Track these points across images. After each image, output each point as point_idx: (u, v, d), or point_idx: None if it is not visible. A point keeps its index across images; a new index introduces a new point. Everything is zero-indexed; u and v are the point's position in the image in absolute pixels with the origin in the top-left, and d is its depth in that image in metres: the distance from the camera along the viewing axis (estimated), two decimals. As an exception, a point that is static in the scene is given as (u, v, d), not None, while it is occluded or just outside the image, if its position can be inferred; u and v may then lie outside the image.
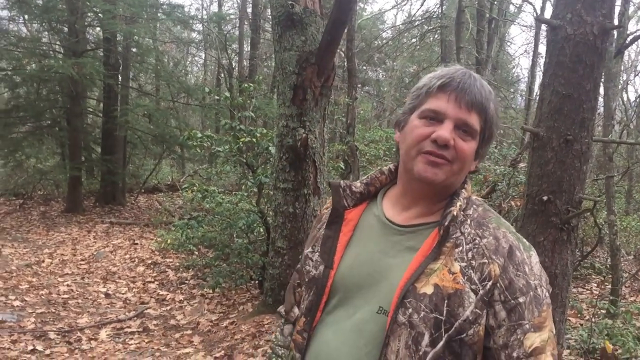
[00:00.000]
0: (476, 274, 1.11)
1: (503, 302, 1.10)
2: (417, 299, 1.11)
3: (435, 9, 16.15)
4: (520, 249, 1.15)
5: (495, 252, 1.13)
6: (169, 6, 14.26)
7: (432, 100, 1.17)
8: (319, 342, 1.24)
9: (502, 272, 1.11)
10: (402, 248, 1.20)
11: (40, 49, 13.30)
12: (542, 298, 1.13)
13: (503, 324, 1.10)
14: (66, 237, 10.06)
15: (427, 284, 1.11)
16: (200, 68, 24.84)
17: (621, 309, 5.17)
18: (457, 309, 1.09)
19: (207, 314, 6.01)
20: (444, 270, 1.12)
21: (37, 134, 13.52)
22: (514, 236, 1.17)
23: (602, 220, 6.90)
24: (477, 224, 1.18)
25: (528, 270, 1.13)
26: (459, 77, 1.16)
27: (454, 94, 1.15)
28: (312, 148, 5.13)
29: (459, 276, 1.11)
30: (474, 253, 1.13)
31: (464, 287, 1.10)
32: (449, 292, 1.10)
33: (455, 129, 1.15)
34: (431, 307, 1.10)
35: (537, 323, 1.11)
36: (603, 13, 2.59)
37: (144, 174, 16.50)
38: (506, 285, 1.11)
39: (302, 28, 5.04)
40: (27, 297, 6.34)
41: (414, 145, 1.17)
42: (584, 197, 2.67)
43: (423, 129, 1.16)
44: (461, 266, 1.12)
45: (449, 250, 1.14)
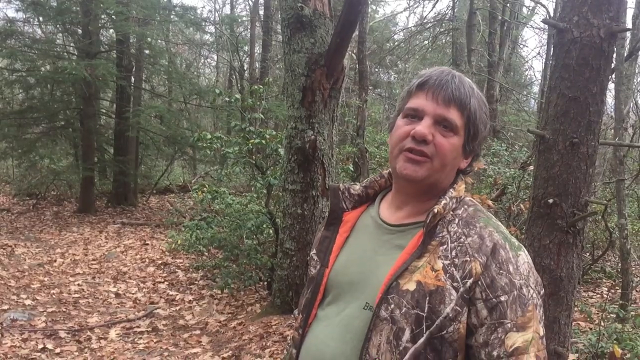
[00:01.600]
0: (458, 272, 1.12)
1: (484, 300, 1.11)
2: (400, 295, 1.13)
3: (447, 11, 16.11)
4: (505, 248, 1.15)
5: (478, 251, 1.13)
6: (182, 8, 14.36)
7: (413, 100, 1.20)
8: (311, 337, 1.28)
9: (484, 270, 1.11)
10: (391, 246, 1.23)
11: (54, 51, 13.47)
12: (527, 298, 1.12)
13: (485, 322, 1.11)
14: (78, 237, 10.16)
15: (410, 280, 1.13)
16: (212, 70, 25.00)
17: (631, 313, 5.13)
18: (439, 305, 1.11)
19: (216, 314, 6.04)
20: (427, 267, 1.14)
21: (51, 134, 13.70)
22: (501, 235, 1.17)
23: (613, 224, 6.84)
24: (465, 223, 1.19)
25: (512, 269, 1.13)
26: (436, 75, 1.19)
27: (431, 90, 1.17)
28: (320, 150, 5.15)
29: (441, 273, 1.13)
30: (457, 251, 1.14)
31: (445, 284, 1.11)
32: (431, 289, 1.12)
33: (436, 124, 1.17)
34: (413, 303, 1.12)
35: (521, 323, 1.10)
36: (610, 16, 2.57)
37: (156, 175, 16.61)
38: (487, 283, 1.11)
39: (312, 30, 5.06)
40: (38, 296, 6.41)
41: (396, 144, 1.20)
42: (589, 200, 2.65)
43: (404, 127, 1.19)
44: (444, 264, 1.13)
45: (433, 249, 1.16)
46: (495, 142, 8.76)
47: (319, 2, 5.13)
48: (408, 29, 18.97)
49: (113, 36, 14.82)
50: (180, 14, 14.08)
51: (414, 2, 17.87)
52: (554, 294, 2.67)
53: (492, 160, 7.97)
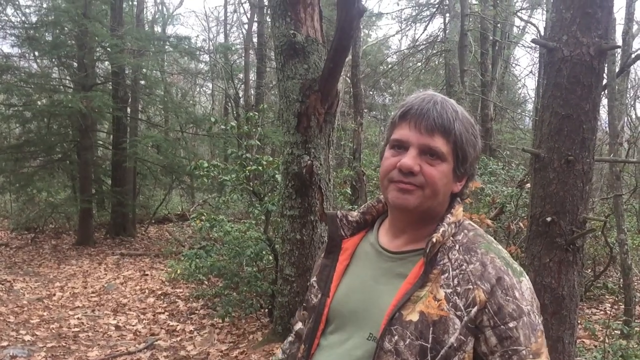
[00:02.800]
0: (461, 300, 1.11)
1: (493, 328, 1.10)
2: (403, 326, 1.12)
3: (439, 33, 16.29)
4: (509, 274, 1.14)
5: (480, 278, 1.13)
6: (176, 38, 14.50)
7: (397, 130, 1.19)
8: None
9: (489, 297, 1.11)
10: (392, 275, 1.22)
11: (50, 85, 13.55)
12: (536, 324, 1.13)
13: (495, 349, 1.10)
14: (77, 269, 10.09)
15: (413, 311, 1.12)
16: (208, 98, 25.13)
17: (635, 329, 5.09)
18: (443, 335, 1.10)
19: (217, 344, 5.98)
20: (430, 297, 1.13)
21: (48, 167, 13.71)
22: (503, 261, 1.16)
23: (613, 240, 6.83)
24: (466, 249, 1.18)
25: (518, 295, 1.12)
26: (417, 104, 1.17)
27: (413, 120, 1.16)
28: (317, 175, 5.15)
29: (443, 303, 1.12)
30: (459, 279, 1.13)
31: (448, 313, 1.11)
32: (434, 319, 1.11)
33: (421, 154, 1.16)
34: (417, 334, 1.10)
35: (535, 350, 1.11)
36: (599, 34, 2.61)
37: (154, 204, 16.59)
38: (495, 310, 1.10)
39: (305, 56, 5.10)
40: (37, 332, 6.35)
41: (384, 176, 1.20)
42: (587, 217, 2.66)
43: (391, 159, 1.18)
44: (446, 292, 1.12)
45: (435, 277, 1.15)
46: (491, 161, 8.79)
47: (311, 28, 5.18)
48: (401, 52, 19.16)
49: (108, 68, 14.92)
50: (175, 44, 14.22)
51: (405, 25, 18.04)
52: (557, 313, 2.66)
53: (489, 179, 7.99)
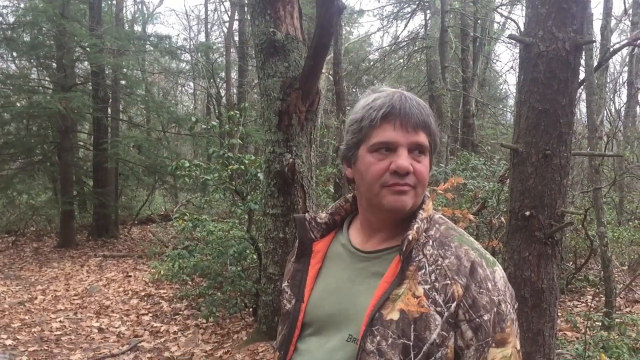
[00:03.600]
0: (440, 296, 1.11)
1: (468, 321, 1.11)
2: (385, 326, 1.11)
3: (420, 30, 16.36)
4: (482, 266, 1.15)
5: (457, 272, 1.13)
6: (157, 37, 14.40)
7: (379, 132, 1.16)
8: None
9: (465, 291, 1.11)
10: (368, 274, 1.21)
11: (29, 85, 13.39)
12: (505, 314, 1.13)
13: (471, 343, 1.11)
14: (59, 272, 9.99)
15: (393, 309, 1.11)
16: (190, 97, 25.00)
17: (616, 320, 5.16)
18: (424, 332, 1.09)
19: (202, 344, 5.95)
20: (409, 294, 1.12)
21: (28, 170, 13.53)
22: (477, 252, 1.17)
23: (594, 232, 6.91)
24: (439, 243, 1.18)
25: (491, 286, 1.13)
26: (398, 103, 1.16)
27: (399, 120, 1.14)
28: (299, 173, 5.14)
29: (423, 299, 1.11)
30: (436, 275, 1.13)
31: (428, 310, 1.10)
32: (415, 317, 1.10)
33: (409, 152, 1.15)
34: (398, 332, 1.10)
35: (500, 339, 1.11)
36: (574, 29, 2.63)
37: (137, 205, 16.48)
38: (469, 304, 1.11)
39: (285, 54, 5.09)
40: (19, 336, 6.27)
41: (375, 181, 1.16)
42: (566, 210, 2.68)
43: (379, 164, 1.15)
44: (425, 289, 1.12)
45: (412, 274, 1.14)
46: (473, 157, 8.84)
47: (291, 26, 5.17)
48: (383, 49, 19.20)
49: (88, 68, 14.78)
50: (155, 43, 14.12)
51: (387, 22, 18.09)
52: (537, 306, 2.68)
53: (471, 174, 8.03)
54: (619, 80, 16.75)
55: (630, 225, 9.76)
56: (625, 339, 4.72)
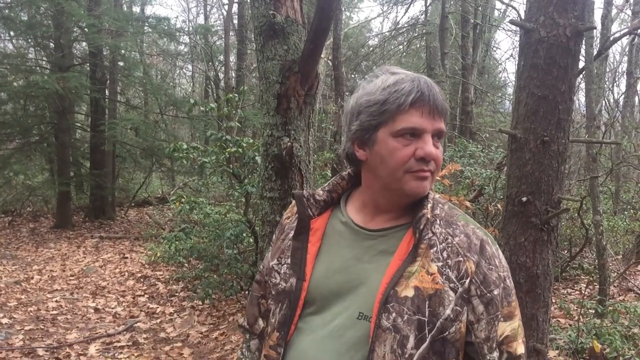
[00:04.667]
0: (453, 272, 1.14)
1: (480, 297, 1.14)
2: (400, 303, 1.12)
3: (420, 16, 16.27)
4: (489, 244, 1.19)
5: (468, 250, 1.16)
6: (155, 19, 14.27)
7: (406, 117, 1.15)
8: (295, 353, 1.23)
9: (476, 268, 1.14)
10: (375, 252, 1.21)
11: (26, 65, 13.29)
12: (510, 289, 1.18)
13: (482, 317, 1.14)
14: (55, 253, 10.00)
15: (407, 287, 1.13)
16: (188, 80, 24.89)
17: (609, 308, 5.20)
18: (438, 308, 1.11)
19: (197, 325, 5.99)
20: (422, 272, 1.13)
21: (25, 150, 13.49)
22: (482, 232, 1.21)
23: (590, 221, 6.94)
24: (446, 222, 1.20)
25: (498, 263, 1.18)
26: (426, 89, 1.15)
27: (427, 107, 1.15)
28: (297, 156, 5.13)
29: (437, 276, 1.13)
30: (448, 252, 1.15)
31: (443, 286, 1.12)
32: (430, 293, 1.12)
33: (432, 138, 1.17)
34: (414, 309, 1.11)
35: (507, 313, 1.16)
36: (575, 15, 2.62)
37: (134, 187, 16.47)
38: (481, 280, 1.14)
39: (284, 37, 5.04)
40: (15, 314, 6.30)
41: (399, 167, 1.16)
42: (562, 197, 2.69)
43: (405, 150, 1.15)
44: (438, 266, 1.14)
45: (424, 252, 1.15)
46: (471, 144, 8.84)
47: (291, 9, 5.13)
48: (382, 34, 19.11)
49: (86, 49, 14.68)
50: (154, 25, 14.00)
51: (387, 7, 17.98)
52: (531, 291, 2.70)
53: (468, 161, 8.04)
54: (618, 70, 16.73)
55: (625, 215, 9.79)
56: (618, 326, 4.77)
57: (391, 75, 1.20)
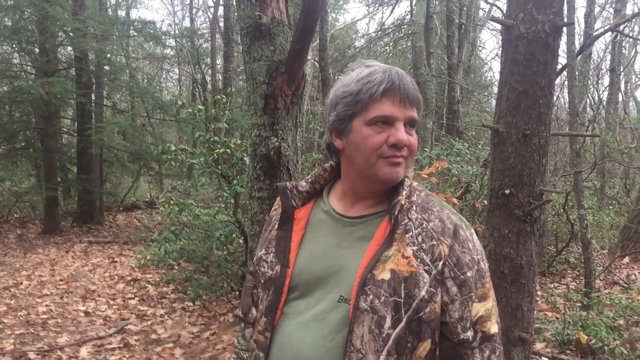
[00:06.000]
0: (427, 256, 1.19)
1: (453, 278, 1.19)
2: (377, 285, 1.17)
3: (405, 16, 16.37)
4: (463, 228, 1.24)
5: (442, 234, 1.21)
6: (141, 23, 14.25)
7: (378, 106, 1.21)
8: (281, 337, 1.28)
9: (450, 251, 1.20)
10: (355, 238, 1.27)
11: (11, 71, 13.23)
12: (484, 271, 1.23)
13: (456, 298, 1.19)
14: (44, 258, 9.95)
15: (384, 270, 1.18)
16: (175, 83, 24.83)
17: (594, 300, 5.28)
18: (414, 290, 1.17)
19: (188, 326, 6.00)
20: (398, 255, 1.19)
21: (11, 156, 13.41)
22: (456, 216, 1.26)
23: (575, 217, 7.04)
24: (422, 209, 1.26)
25: (471, 246, 1.23)
26: (397, 79, 1.22)
27: (398, 96, 1.21)
28: (285, 156, 5.17)
29: (412, 259, 1.18)
30: (423, 236, 1.21)
31: (417, 269, 1.17)
32: (405, 276, 1.17)
33: (404, 126, 1.22)
34: (390, 291, 1.16)
35: (481, 294, 1.21)
36: (554, 11, 2.69)
37: (122, 192, 16.42)
38: (454, 262, 1.19)
39: (271, 38, 5.09)
40: (5, 319, 6.28)
41: (372, 153, 1.22)
42: (544, 189, 2.76)
43: (377, 136, 1.21)
44: (413, 250, 1.19)
45: (400, 237, 1.21)
46: (457, 142, 8.93)
47: (277, 10, 5.17)
48: (369, 35, 19.20)
49: (71, 53, 14.62)
50: (139, 29, 13.98)
51: (373, 8, 18.08)
52: (515, 282, 2.76)
53: (455, 159, 8.12)
54: (602, 68, 16.93)
55: (610, 210, 9.93)
56: (603, 317, 4.85)
57: (365, 67, 1.27)
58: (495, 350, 1.21)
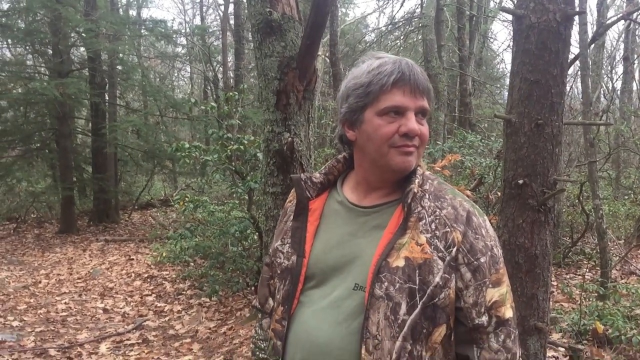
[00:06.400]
0: (441, 242, 1.21)
1: (467, 264, 1.21)
2: (392, 273, 1.19)
3: (416, 9, 16.31)
4: (475, 215, 1.25)
5: (455, 221, 1.23)
6: (152, 22, 14.33)
7: (389, 97, 1.23)
8: (298, 325, 1.31)
9: (463, 237, 1.21)
10: (369, 227, 1.29)
11: (25, 72, 13.37)
12: (498, 257, 1.25)
13: (470, 284, 1.21)
14: (62, 257, 10.09)
15: (398, 257, 1.20)
16: (186, 82, 24.96)
17: (610, 290, 5.26)
18: (428, 276, 1.19)
19: (205, 321, 6.07)
20: (412, 243, 1.21)
21: (27, 157, 13.56)
22: (469, 204, 1.27)
23: (590, 207, 7.00)
24: (435, 196, 1.27)
25: (484, 232, 1.24)
26: (407, 70, 1.24)
27: (409, 87, 1.23)
28: (298, 151, 5.19)
29: (426, 247, 1.20)
30: (436, 224, 1.23)
31: (431, 256, 1.20)
32: (419, 262, 1.19)
33: (415, 116, 1.24)
34: (405, 278, 1.18)
35: (495, 279, 1.23)
36: (564, 0, 2.69)
37: (137, 190, 16.55)
38: (468, 248, 1.21)
39: (281, 34, 5.11)
40: (25, 317, 6.38)
41: (384, 142, 1.24)
42: (558, 178, 2.75)
43: (389, 126, 1.23)
44: (427, 237, 1.21)
45: (413, 224, 1.23)
46: (470, 134, 8.90)
47: (287, 6, 5.19)
48: (379, 29, 19.15)
49: (83, 54, 14.74)
50: (151, 28, 14.07)
51: (383, 2, 18.02)
52: (530, 271, 2.76)
53: (468, 152, 8.10)
54: (615, 56, 16.77)
55: (626, 200, 9.85)
56: (620, 307, 4.83)
57: (376, 59, 1.29)
58: (510, 334, 1.23)
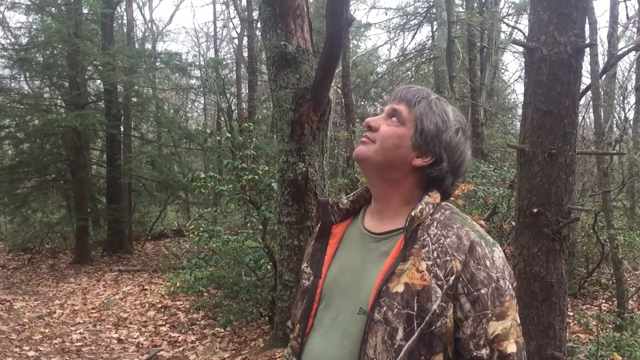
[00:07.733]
0: (441, 271, 1.23)
1: (467, 295, 1.22)
2: (391, 298, 1.23)
3: (427, 41, 16.51)
4: (481, 245, 1.26)
5: (457, 250, 1.24)
6: (167, 55, 14.64)
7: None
8: (309, 346, 1.37)
9: (463, 267, 1.22)
10: (378, 253, 1.33)
11: (42, 105, 13.61)
12: (504, 289, 1.24)
13: (469, 315, 1.22)
14: (76, 287, 10.13)
15: (399, 283, 1.23)
16: (200, 113, 25.25)
17: (628, 321, 5.20)
18: (426, 303, 1.21)
19: (220, 352, 6.05)
20: (413, 269, 1.24)
21: (43, 188, 13.72)
22: (477, 234, 1.28)
23: (605, 237, 6.96)
24: (443, 225, 1.30)
25: (489, 264, 1.24)
26: (402, 89, 1.39)
27: (393, 95, 1.38)
28: (312, 181, 5.26)
29: (425, 274, 1.23)
30: (438, 252, 1.25)
31: (430, 283, 1.22)
32: (418, 289, 1.22)
33: (388, 117, 1.36)
34: (403, 303, 1.22)
35: (499, 312, 1.22)
36: (575, 33, 2.75)
37: (150, 221, 16.63)
38: (468, 278, 1.22)
39: (296, 66, 5.23)
40: (41, 347, 6.40)
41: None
42: (572, 207, 2.78)
43: None
44: (427, 264, 1.24)
45: (416, 251, 1.26)
46: (483, 164, 8.93)
47: (302, 39, 5.32)
48: (390, 61, 19.37)
49: (100, 87, 15.01)
50: (166, 61, 14.35)
51: (394, 34, 18.27)
52: (546, 300, 2.77)
53: (481, 181, 8.11)
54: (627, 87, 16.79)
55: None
56: (638, 338, 4.77)
57: None
58: None
